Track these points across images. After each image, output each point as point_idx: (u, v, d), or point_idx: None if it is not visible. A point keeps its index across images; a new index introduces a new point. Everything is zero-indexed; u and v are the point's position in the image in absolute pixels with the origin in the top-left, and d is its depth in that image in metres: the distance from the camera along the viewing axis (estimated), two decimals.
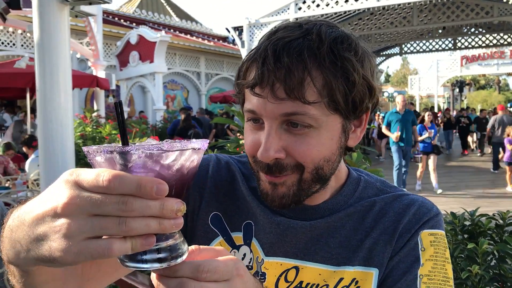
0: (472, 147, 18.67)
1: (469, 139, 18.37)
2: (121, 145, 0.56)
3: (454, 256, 1.41)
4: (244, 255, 0.92)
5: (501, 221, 1.46)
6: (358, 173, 0.98)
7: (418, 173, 9.72)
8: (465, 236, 1.48)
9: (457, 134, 18.50)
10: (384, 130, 9.64)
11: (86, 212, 0.50)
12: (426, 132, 9.45)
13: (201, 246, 0.62)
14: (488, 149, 15.53)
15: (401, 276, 0.84)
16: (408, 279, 0.83)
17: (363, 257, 0.87)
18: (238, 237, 0.94)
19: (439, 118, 19.17)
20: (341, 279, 0.86)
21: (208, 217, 0.95)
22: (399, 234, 0.87)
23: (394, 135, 9.07)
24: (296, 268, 0.89)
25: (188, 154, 0.56)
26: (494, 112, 17.01)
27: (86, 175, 0.51)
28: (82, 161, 3.95)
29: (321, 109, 0.78)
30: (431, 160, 9.44)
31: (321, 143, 0.80)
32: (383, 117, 15.63)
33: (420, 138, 9.48)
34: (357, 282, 0.86)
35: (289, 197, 0.83)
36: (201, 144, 0.58)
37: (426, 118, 9.91)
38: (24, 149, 7.52)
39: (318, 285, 0.87)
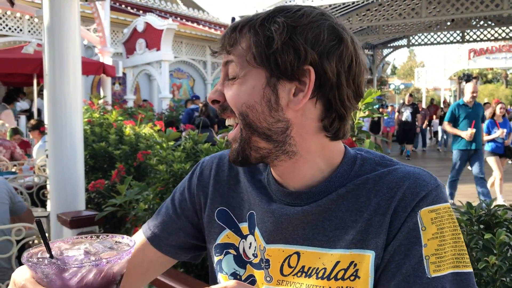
0: None
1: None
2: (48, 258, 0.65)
3: (469, 247, 1.39)
4: (250, 244, 0.97)
5: None
6: (357, 151, 0.96)
7: (497, 181, 7.60)
8: (481, 226, 1.47)
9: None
10: (447, 127, 7.28)
11: None
12: (498, 130, 7.42)
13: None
14: None
15: (404, 260, 0.81)
16: (412, 263, 0.80)
17: (359, 240, 0.85)
18: (244, 227, 0.99)
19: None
20: (338, 262, 0.85)
21: (214, 213, 1.03)
22: (393, 212, 0.83)
23: (466, 134, 6.87)
24: (297, 254, 0.90)
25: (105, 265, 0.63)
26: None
27: None
28: (90, 147, 3.94)
29: (245, 62, 0.89)
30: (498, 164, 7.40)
31: (242, 90, 0.89)
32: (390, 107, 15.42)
33: (488, 138, 7.42)
34: (355, 265, 0.84)
35: (237, 151, 0.92)
36: (115, 257, 0.64)
37: (497, 111, 7.68)
38: (31, 134, 7.54)
39: (317, 268, 0.87)
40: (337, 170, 0.92)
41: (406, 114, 14.74)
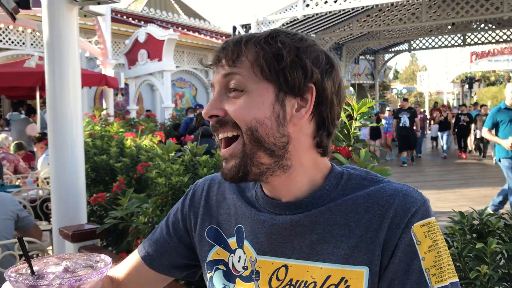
0: (470, 148, 16.26)
1: (470, 140, 16.06)
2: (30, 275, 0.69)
3: (462, 256, 1.40)
4: (239, 257, 0.99)
5: (510, 221, 1.46)
6: (344, 168, 1.00)
7: None
8: (474, 235, 1.48)
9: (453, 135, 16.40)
10: (487, 134, 6.41)
11: None
12: None
13: None
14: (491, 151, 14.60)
15: (406, 276, 0.84)
16: (414, 277, 0.83)
17: (351, 256, 0.87)
18: (233, 242, 1.02)
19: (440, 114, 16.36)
20: (329, 276, 0.87)
21: (205, 232, 1.07)
22: (387, 229, 0.86)
23: (506, 143, 5.93)
24: (286, 267, 0.92)
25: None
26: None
27: None
28: (91, 160, 3.97)
29: (252, 75, 0.90)
30: None
31: (251, 105, 0.90)
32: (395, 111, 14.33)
33: None
34: (346, 281, 0.86)
35: (237, 168, 0.92)
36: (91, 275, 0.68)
37: None
38: (35, 148, 7.58)
39: (306, 282, 0.89)
40: (324, 184, 0.95)
41: (404, 120, 14.10)
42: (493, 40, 18.49)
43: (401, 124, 14.05)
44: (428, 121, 19.83)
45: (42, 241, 3.62)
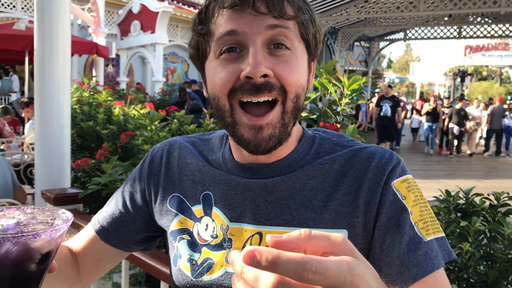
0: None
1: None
2: None
3: (446, 234, 1.40)
4: (207, 225, 0.93)
5: (495, 202, 1.46)
6: (314, 131, 0.98)
7: None
8: (458, 214, 1.48)
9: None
10: None
11: None
12: None
13: (312, 231, 0.46)
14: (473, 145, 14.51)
15: (398, 230, 0.82)
16: (407, 231, 0.81)
17: (329, 219, 0.85)
18: (198, 209, 0.95)
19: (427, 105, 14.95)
20: None
21: (167, 201, 0.99)
22: (368, 190, 0.85)
23: None
24: (260, 234, 0.88)
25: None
26: (489, 103, 15.36)
27: None
28: (78, 126, 3.92)
29: (296, 32, 0.83)
30: None
31: (298, 68, 0.83)
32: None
33: None
34: None
35: (275, 137, 0.83)
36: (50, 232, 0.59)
37: None
38: (23, 113, 7.47)
39: None
40: (297, 147, 0.92)
41: (385, 108, 12.63)
42: (488, 35, 18.50)
43: (382, 113, 12.67)
44: (410, 111, 19.37)
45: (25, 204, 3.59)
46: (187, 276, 0.93)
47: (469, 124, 13.92)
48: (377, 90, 17.11)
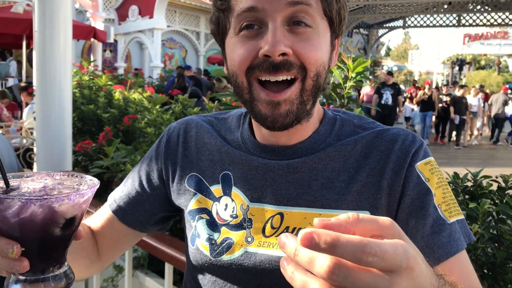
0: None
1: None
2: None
3: None
4: (226, 205, 0.93)
5: (503, 184, 1.46)
6: (335, 112, 0.97)
7: None
8: (466, 196, 1.48)
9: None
10: None
11: None
12: None
13: (360, 214, 0.46)
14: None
15: (422, 212, 0.83)
16: (431, 213, 0.82)
17: (351, 201, 0.85)
18: (217, 189, 0.94)
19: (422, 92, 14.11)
20: None
21: (185, 180, 0.98)
22: (391, 172, 0.85)
23: None
24: (281, 214, 0.88)
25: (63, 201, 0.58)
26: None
27: None
28: (78, 109, 3.90)
29: (319, 9, 0.81)
30: None
31: (320, 45, 0.81)
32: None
33: None
34: None
35: (293, 114, 0.81)
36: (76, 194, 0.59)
37: None
38: (22, 96, 7.44)
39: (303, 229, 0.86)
40: (319, 129, 0.92)
41: (386, 96, 11.82)
42: (488, 23, 18.44)
43: (382, 101, 11.83)
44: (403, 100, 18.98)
45: None
46: (206, 255, 0.92)
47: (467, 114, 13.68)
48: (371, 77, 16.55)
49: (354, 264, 0.42)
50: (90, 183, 0.63)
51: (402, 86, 21.05)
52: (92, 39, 9.31)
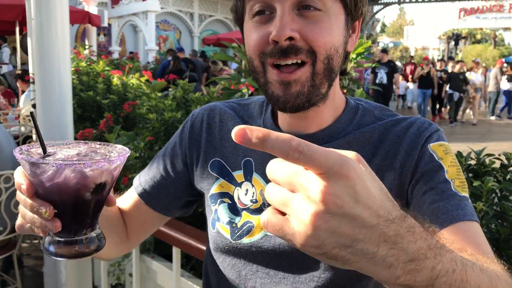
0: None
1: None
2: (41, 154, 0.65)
3: None
4: (247, 190, 0.96)
5: (506, 161, 1.49)
6: (357, 101, 0.98)
7: None
8: (470, 175, 1.51)
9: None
10: None
11: None
12: None
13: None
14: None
15: (432, 181, 0.82)
16: (441, 182, 0.81)
17: None
18: (239, 175, 0.98)
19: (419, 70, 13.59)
20: None
21: (208, 165, 1.01)
22: (404, 153, 0.86)
23: None
24: None
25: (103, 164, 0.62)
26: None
27: None
28: (77, 96, 3.89)
29: None
30: None
31: (331, 28, 0.82)
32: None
33: None
34: None
35: (303, 95, 0.83)
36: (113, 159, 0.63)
37: None
38: (18, 83, 7.39)
39: None
40: (340, 117, 0.93)
41: (380, 75, 11.43)
42: None
43: (377, 81, 11.44)
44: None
45: None
46: (226, 238, 0.96)
47: (471, 91, 13.26)
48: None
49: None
50: (120, 151, 0.67)
51: (398, 63, 20.93)
52: (86, 24, 9.22)
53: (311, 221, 0.43)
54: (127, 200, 1.10)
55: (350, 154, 0.47)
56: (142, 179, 1.09)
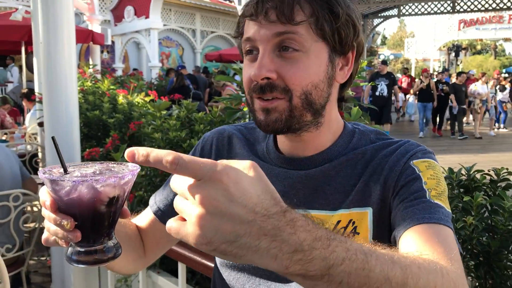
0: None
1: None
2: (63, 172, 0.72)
3: (450, 208, 1.50)
4: None
5: (495, 177, 1.55)
6: (354, 126, 1.05)
7: None
8: (461, 190, 1.58)
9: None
10: None
11: None
12: None
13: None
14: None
15: (408, 192, 0.87)
16: (415, 190, 0.86)
17: (356, 200, 0.93)
18: None
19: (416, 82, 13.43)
20: (338, 221, 0.94)
21: None
22: (388, 170, 0.92)
23: None
24: None
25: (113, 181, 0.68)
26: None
27: None
28: (84, 115, 3.98)
29: (309, 34, 0.88)
30: None
31: (308, 67, 0.89)
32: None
33: None
34: (353, 222, 0.93)
35: (281, 122, 0.91)
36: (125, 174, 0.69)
37: None
38: (23, 102, 7.50)
39: None
40: (337, 141, 1.01)
41: (381, 87, 11.05)
42: (482, 8, 18.41)
43: (377, 93, 11.12)
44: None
45: (37, 194, 3.67)
46: None
47: (477, 103, 13.01)
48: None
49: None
50: (131, 168, 0.74)
51: (398, 75, 21.02)
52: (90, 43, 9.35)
53: (196, 222, 0.52)
54: (143, 218, 1.17)
55: (245, 162, 0.56)
56: (157, 198, 1.16)
